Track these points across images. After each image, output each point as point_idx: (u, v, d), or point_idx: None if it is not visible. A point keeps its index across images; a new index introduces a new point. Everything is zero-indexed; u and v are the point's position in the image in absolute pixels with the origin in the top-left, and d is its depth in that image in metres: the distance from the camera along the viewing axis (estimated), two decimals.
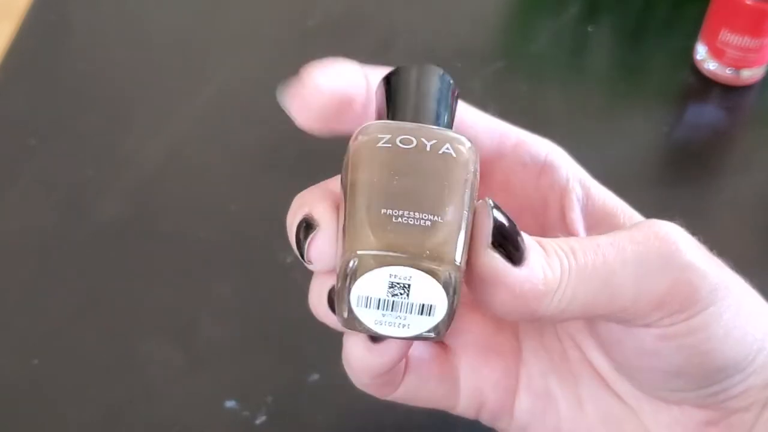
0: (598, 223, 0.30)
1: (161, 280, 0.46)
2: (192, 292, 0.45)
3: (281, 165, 0.51)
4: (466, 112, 0.30)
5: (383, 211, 0.24)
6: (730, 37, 0.55)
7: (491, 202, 0.25)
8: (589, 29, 0.60)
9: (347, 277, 0.24)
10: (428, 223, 0.24)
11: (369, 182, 0.25)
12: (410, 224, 0.24)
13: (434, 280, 0.24)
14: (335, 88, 0.27)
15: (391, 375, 0.30)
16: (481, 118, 0.30)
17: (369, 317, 0.25)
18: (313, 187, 0.28)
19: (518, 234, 0.25)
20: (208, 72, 0.56)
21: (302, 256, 0.27)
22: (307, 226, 0.26)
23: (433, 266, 0.24)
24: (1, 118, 0.54)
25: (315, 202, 0.27)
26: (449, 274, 0.24)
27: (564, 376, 0.30)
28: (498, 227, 0.24)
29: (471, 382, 0.31)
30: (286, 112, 0.27)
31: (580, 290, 0.25)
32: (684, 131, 0.56)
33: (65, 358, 0.42)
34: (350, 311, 0.25)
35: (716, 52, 0.56)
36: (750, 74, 0.56)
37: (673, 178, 0.53)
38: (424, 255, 0.24)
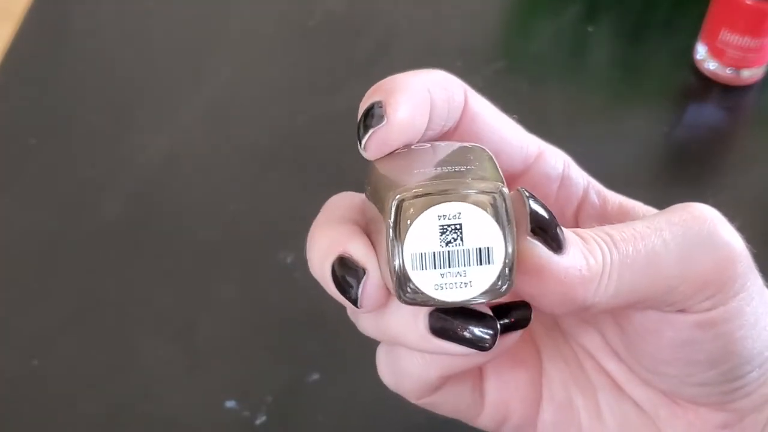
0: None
1: (161, 280, 0.46)
2: (192, 292, 0.45)
3: (281, 165, 0.51)
4: (494, 121, 0.29)
5: (415, 171, 0.24)
6: (730, 37, 0.55)
7: (526, 192, 0.24)
8: (589, 29, 0.60)
9: (398, 232, 0.23)
10: (463, 168, 0.23)
11: (395, 167, 0.25)
12: (446, 171, 0.23)
13: (484, 212, 0.22)
14: (416, 125, 0.25)
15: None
16: (507, 127, 0.30)
17: (428, 282, 0.23)
18: (328, 223, 0.26)
19: (556, 222, 0.24)
20: (208, 72, 0.56)
21: (353, 301, 0.25)
22: (345, 267, 0.25)
23: (480, 192, 0.22)
24: (1, 118, 0.54)
25: (348, 241, 0.25)
26: (495, 198, 0.22)
27: (583, 386, 0.30)
28: (534, 214, 0.24)
29: (498, 394, 0.30)
30: (361, 149, 0.26)
31: (626, 274, 0.24)
32: (684, 131, 0.56)
33: (65, 358, 0.42)
34: (407, 281, 0.23)
35: (716, 52, 0.56)
36: (750, 74, 0.56)
37: (673, 178, 0.53)
38: (468, 183, 0.23)
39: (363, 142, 0.25)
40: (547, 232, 0.24)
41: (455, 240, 0.23)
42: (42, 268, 0.46)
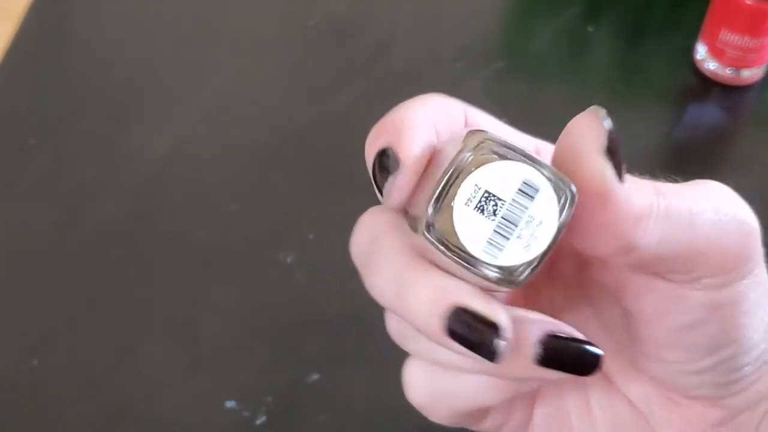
0: None
1: (161, 280, 0.46)
2: (192, 292, 0.45)
3: (281, 165, 0.51)
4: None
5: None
6: (730, 37, 0.55)
7: (603, 111, 0.23)
8: (589, 29, 0.60)
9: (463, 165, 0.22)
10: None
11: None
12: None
13: (554, 194, 0.22)
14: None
15: None
16: (507, 135, 0.29)
17: (477, 236, 0.22)
18: (403, 112, 0.25)
19: (622, 149, 0.23)
20: (208, 72, 0.56)
21: (378, 190, 0.24)
22: (383, 161, 0.24)
23: (558, 178, 0.22)
24: (1, 118, 0.54)
25: (400, 133, 0.24)
26: (566, 193, 0.22)
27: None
28: (611, 134, 0.23)
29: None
30: (382, 197, 0.25)
31: (672, 223, 0.24)
32: (684, 131, 0.56)
33: (65, 358, 0.42)
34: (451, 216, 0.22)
35: (716, 52, 0.56)
36: (750, 74, 0.56)
37: (673, 177, 0.53)
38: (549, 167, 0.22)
39: (384, 193, 0.24)
40: (615, 157, 0.23)
41: (527, 198, 0.22)
42: (42, 268, 0.46)
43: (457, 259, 0.23)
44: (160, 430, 0.40)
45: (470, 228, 0.23)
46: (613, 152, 0.23)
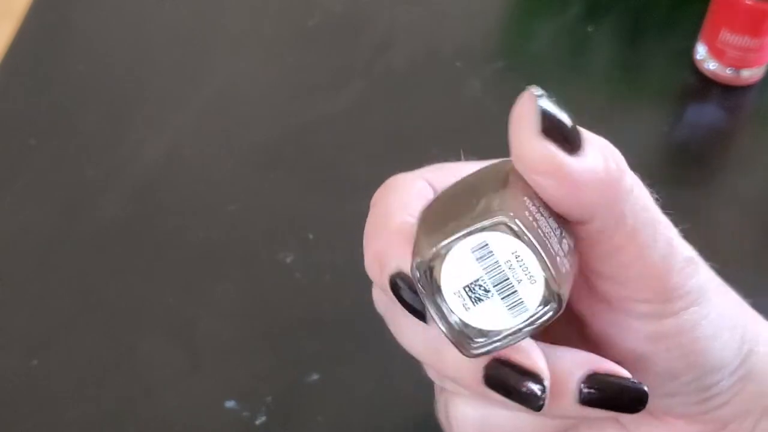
0: None
1: (161, 279, 0.46)
2: (192, 292, 0.45)
3: (281, 165, 0.51)
4: None
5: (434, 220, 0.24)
6: (730, 37, 0.55)
7: (537, 90, 0.23)
8: (589, 29, 0.60)
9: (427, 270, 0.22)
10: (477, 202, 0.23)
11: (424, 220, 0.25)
12: (455, 211, 0.23)
13: (502, 233, 0.22)
14: None
15: None
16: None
17: (459, 275, 0.22)
18: (383, 226, 0.25)
19: (571, 123, 0.23)
20: (208, 72, 0.56)
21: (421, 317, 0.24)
22: (402, 288, 0.24)
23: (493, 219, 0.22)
24: (1, 118, 0.54)
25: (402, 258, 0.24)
26: (513, 218, 0.22)
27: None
28: (545, 114, 0.23)
29: None
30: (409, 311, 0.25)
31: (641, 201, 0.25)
32: (684, 131, 0.56)
33: (65, 358, 0.42)
34: (466, 329, 0.23)
35: (716, 52, 0.56)
36: (750, 74, 0.56)
37: (673, 178, 0.53)
38: (478, 215, 0.22)
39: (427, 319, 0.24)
40: (560, 132, 0.23)
41: (488, 257, 0.22)
42: (42, 268, 0.46)
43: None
44: (160, 430, 0.40)
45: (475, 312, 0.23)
46: (556, 127, 0.23)
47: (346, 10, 0.61)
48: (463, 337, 0.23)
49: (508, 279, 0.22)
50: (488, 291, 0.22)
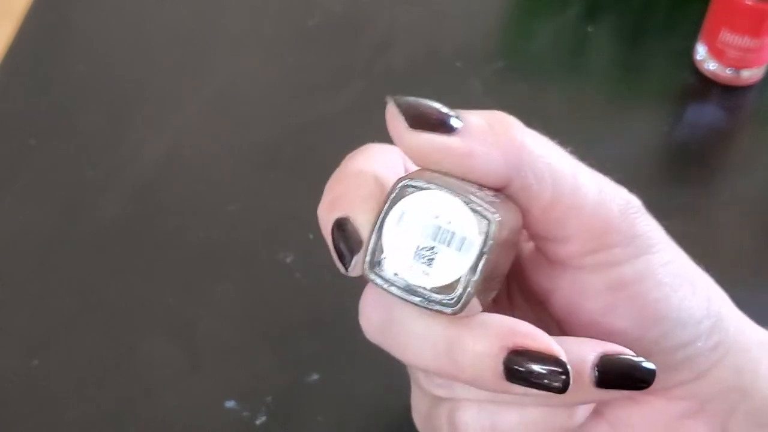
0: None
1: (161, 279, 0.46)
2: (192, 292, 0.45)
3: (281, 165, 0.51)
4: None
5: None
6: (730, 38, 0.55)
7: (391, 99, 0.25)
8: (589, 29, 0.60)
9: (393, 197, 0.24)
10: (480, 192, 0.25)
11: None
12: (459, 183, 0.24)
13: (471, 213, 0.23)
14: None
15: None
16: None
17: (399, 251, 0.24)
18: (347, 176, 0.26)
19: (436, 111, 0.25)
20: (208, 72, 0.56)
21: (343, 264, 0.25)
22: (343, 233, 0.25)
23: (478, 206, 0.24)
24: (1, 118, 0.54)
25: (355, 207, 0.25)
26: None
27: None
28: (406, 111, 0.25)
29: None
30: (346, 272, 0.26)
31: (549, 175, 0.25)
32: (684, 131, 0.56)
33: (65, 358, 0.42)
34: (381, 254, 0.24)
35: (716, 53, 0.56)
36: (750, 74, 0.56)
37: (673, 178, 0.53)
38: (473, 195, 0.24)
39: (349, 269, 0.25)
40: (426, 121, 0.25)
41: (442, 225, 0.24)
42: (42, 268, 0.46)
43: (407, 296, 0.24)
44: (160, 430, 0.40)
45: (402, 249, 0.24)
46: (417, 121, 0.25)
47: (346, 10, 0.61)
48: (448, 300, 0.24)
49: (440, 227, 0.24)
50: (432, 247, 0.24)
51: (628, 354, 0.26)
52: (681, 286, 0.27)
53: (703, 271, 0.29)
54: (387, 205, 0.24)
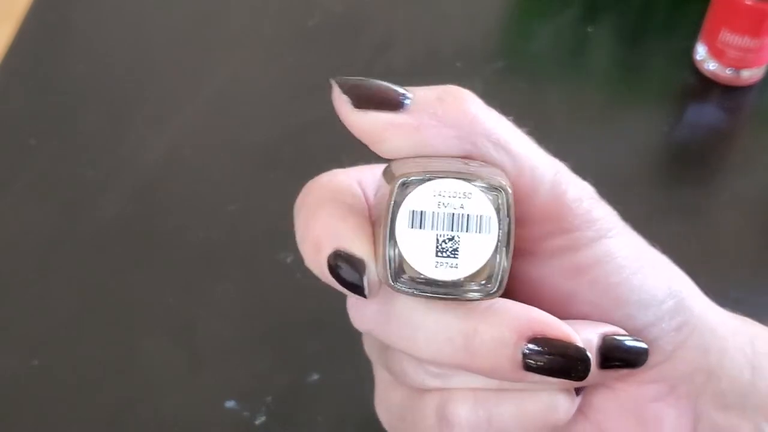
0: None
1: (161, 279, 0.46)
2: (192, 292, 0.45)
3: (281, 165, 0.51)
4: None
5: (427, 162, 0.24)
6: (730, 38, 0.55)
7: (338, 79, 0.25)
8: (588, 29, 0.60)
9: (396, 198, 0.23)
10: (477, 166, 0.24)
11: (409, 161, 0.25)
12: (457, 163, 0.24)
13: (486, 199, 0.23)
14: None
15: None
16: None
17: (420, 252, 0.23)
18: (315, 213, 0.25)
19: (385, 88, 0.24)
20: (208, 72, 0.56)
21: (359, 293, 0.24)
22: (343, 264, 0.24)
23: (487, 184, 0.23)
24: (1, 118, 0.54)
25: (342, 235, 0.24)
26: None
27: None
28: (349, 90, 0.24)
29: None
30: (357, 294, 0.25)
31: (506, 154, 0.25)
32: (684, 131, 0.56)
33: (65, 358, 0.42)
34: (402, 265, 0.23)
35: (716, 53, 0.56)
36: (750, 74, 0.56)
37: (673, 178, 0.53)
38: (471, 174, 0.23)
39: (368, 293, 0.24)
40: (371, 99, 0.24)
41: (453, 202, 0.23)
42: (42, 268, 0.46)
43: (441, 294, 0.23)
44: (160, 430, 0.40)
45: (422, 250, 0.23)
46: (361, 100, 0.24)
47: (346, 10, 0.61)
48: (483, 285, 0.23)
49: (453, 214, 0.23)
50: (452, 238, 0.23)
51: (623, 333, 0.26)
52: (641, 268, 0.26)
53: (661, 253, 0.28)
54: (391, 209, 0.23)
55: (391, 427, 0.29)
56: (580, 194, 0.26)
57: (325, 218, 0.25)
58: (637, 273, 0.26)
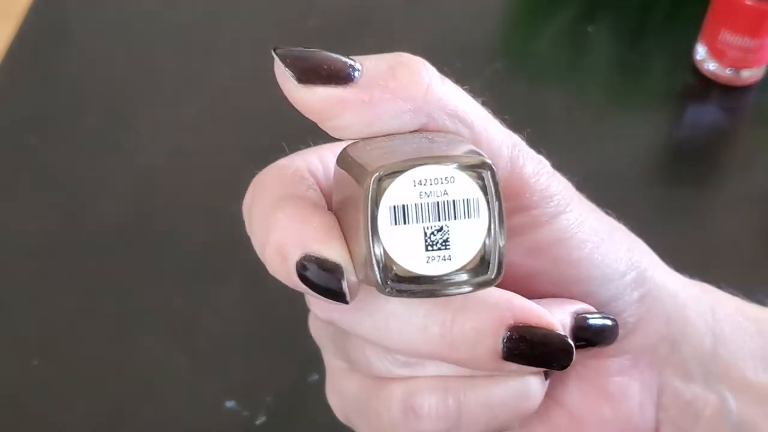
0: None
1: (161, 280, 0.46)
2: (192, 292, 0.45)
3: None
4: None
5: (391, 151, 0.22)
6: (730, 38, 0.55)
7: (277, 51, 0.23)
8: (588, 29, 0.60)
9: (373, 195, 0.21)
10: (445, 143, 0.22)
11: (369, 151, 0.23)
12: (426, 146, 0.22)
13: (469, 179, 0.21)
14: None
15: None
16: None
17: (408, 249, 0.21)
18: (273, 214, 0.24)
19: (331, 60, 0.23)
20: (208, 72, 0.56)
21: (339, 299, 0.22)
22: (316, 269, 0.22)
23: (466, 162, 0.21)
24: (1, 117, 0.54)
25: (309, 238, 0.22)
26: (482, 172, 0.21)
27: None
28: (293, 64, 0.23)
29: None
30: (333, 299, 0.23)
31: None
32: (684, 131, 0.56)
33: (65, 359, 0.42)
34: (391, 264, 0.21)
35: (716, 53, 0.56)
36: (750, 74, 0.56)
37: (674, 178, 0.53)
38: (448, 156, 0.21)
39: (348, 298, 0.22)
40: (319, 73, 0.23)
41: (435, 189, 0.21)
42: (42, 269, 0.46)
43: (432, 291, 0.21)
44: (160, 430, 0.40)
45: (406, 247, 0.21)
46: (307, 74, 0.23)
47: (346, 10, 0.61)
48: (480, 273, 0.21)
49: (438, 203, 0.21)
50: (441, 228, 0.21)
51: (592, 311, 0.25)
52: (602, 242, 0.25)
53: (616, 221, 0.27)
54: (370, 208, 0.21)
55: (346, 418, 0.27)
56: (538, 169, 0.24)
57: (286, 220, 0.23)
58: (599, 246, 0.25)
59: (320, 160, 0.27)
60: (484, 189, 0.21)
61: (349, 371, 0.26)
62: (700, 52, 0.57)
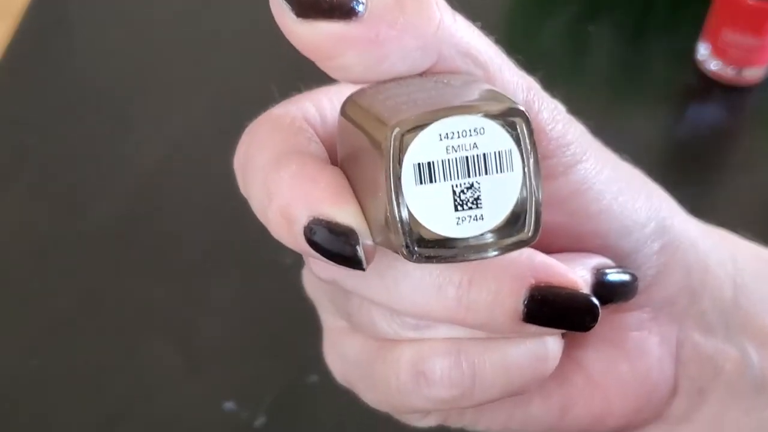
0: None
1: (161, 280, 0.46)
2: (192, 292, 0.45)
3: None
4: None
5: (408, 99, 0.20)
6: (731, 37, 0.54)
7: None
8: (589, 29, 0.60)
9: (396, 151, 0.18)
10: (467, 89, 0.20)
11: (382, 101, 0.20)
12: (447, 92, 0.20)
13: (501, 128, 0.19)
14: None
15: None
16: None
17: (436, 210, 0.19)
18: (278, 170, 0.21)
19: None
20: (207, 72, 0.56)
21: (355, 265, 0.20)
22: (327, 233, 0.20)
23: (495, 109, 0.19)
24: (1, 118, 0.54)
25: (328, 199, 0.20)
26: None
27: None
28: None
29: None
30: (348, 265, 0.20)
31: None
32: (685, 131, 0.56)
33: (65, 358, 0.42)
34: (415, 231, 0.19)
35: (718, 52, 0.56)
36: (751, 74, 0.56)
37: (674, 177, 0.52)
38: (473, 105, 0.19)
39: (365, 264, 0.20)
40: (320, 6, 0.20)
41: (463, 140, 0.19)
42: (41, 268, 0.46)
43: (463, 257, 0.19)
44: (160, 430, 0.40)
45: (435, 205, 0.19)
46: (307, 6, 0.20)
47: None
48: (515, 233, 0.19)
49: (467, 157, 0.19)
50: (471, 185, 0.19)
51: (612, 265, 0.23)
52: (621, 192, 0.24)
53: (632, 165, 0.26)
54: (392, 168, 0.18)
55: (346, 381, 0.26)
56: (554, 115, 0.23)
57: (289, 179, 0.21)
58: (618, 197, 0.24)
59: (316, 106, 0.24)
60: (517, 139, 0.19)
61: (351, 331, 0.24)
62: (702, 51, 0.57)
